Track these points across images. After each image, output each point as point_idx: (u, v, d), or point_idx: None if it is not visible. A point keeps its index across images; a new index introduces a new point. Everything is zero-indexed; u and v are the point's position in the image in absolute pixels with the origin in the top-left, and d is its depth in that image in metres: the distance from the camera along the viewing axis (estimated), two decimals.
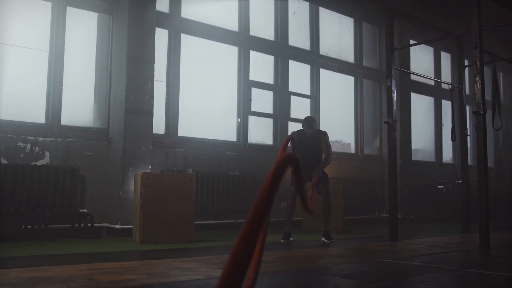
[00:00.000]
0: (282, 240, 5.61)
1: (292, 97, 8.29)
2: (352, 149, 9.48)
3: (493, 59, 6.20)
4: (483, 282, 3.37)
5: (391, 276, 3.46)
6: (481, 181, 5.10)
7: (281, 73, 8.21)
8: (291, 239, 5.70)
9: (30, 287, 2.68)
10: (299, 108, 8.32)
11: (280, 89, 8.15)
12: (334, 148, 8.99)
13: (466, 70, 7.58)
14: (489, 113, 6.42)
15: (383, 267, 3.87)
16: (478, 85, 5.15)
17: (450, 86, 7.22)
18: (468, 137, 7.31)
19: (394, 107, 5.91)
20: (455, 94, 7.24)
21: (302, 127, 6.03)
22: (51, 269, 3.29)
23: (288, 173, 4.30)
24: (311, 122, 5.98)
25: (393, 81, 5.92)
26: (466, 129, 7.01)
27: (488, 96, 6.60)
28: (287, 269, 3.69)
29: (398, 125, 9.09)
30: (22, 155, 5.57)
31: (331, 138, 8.92)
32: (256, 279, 1.20)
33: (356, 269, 3.64)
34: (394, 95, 5.91)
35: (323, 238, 5.73)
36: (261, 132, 8.05)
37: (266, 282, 3.08)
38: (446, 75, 11.35)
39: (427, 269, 3.68)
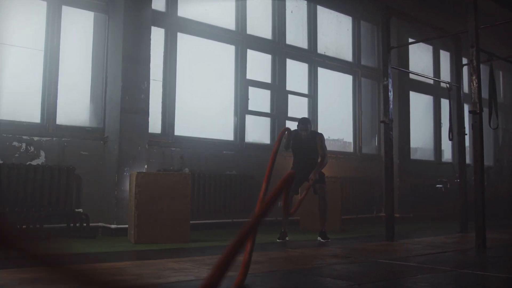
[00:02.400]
0: (278, 240, 5.59)
1: (290, 96, 8.26)
2: (351, 148, 9.45)
3: (490, 57, 6.16)
4: (477, 283, 3.35)
5: (384, 277, 3.44)
6: (478, 181, 5.07)
7: (279, 72, 8.18)
8: (287, 239, 5.68)
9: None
10: (297, 107, 8.29)
11: (278, 88, 8.12)
12: (333, 147, 8.99)
13: (465, 68, 7.53)
14: (487, 112, 6.39)
15: (376, 267, 3.85)
16: (474, 84, 5.12)
17: (447, 85, 7.18)
18: (467, 136, 7.26)
19: (391, 106, 5.88)
20: (453, 93, 7.20)
21: (297, 128, 5.98)
22: (42, 269, 3.27)
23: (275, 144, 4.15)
24: (306, 123, 5.92)
25: (390, 80, 5.89)
26: (464, 128, 6.97)
27: (486, 95, 6.56)
28: (279, 269, 3.67)
29: (397, 124, 9.08)
30: (17, 155, 5.55)
31: (329, 137, 8.93)
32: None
33: (349, 269, 3.62)
34: (390, 94, 5.88)
35: (319, 238, 5.71)
36: (258, 131, 8.02)
37: (255, 283, 3.06)
38: (446, 73, 11.31)
39: (421, 270, 3.66)
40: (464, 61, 7.31)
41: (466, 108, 8.51)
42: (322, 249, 4.99)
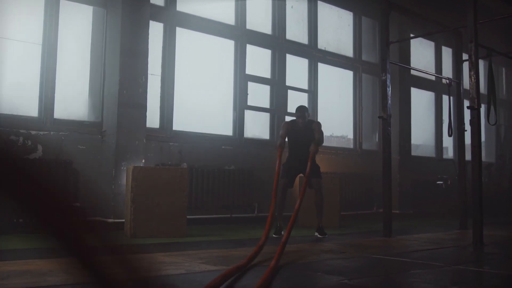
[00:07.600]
0: (273, 235, 5.57)
1: (290, 92, 8.23)
2: (351, 144, 9.42)
3: (489, 53, 6.12)
4: (470, 279, 3.33)
5: (376, 273, 3.42)
6: (475, 177, 5.05)
7: (278, 67, 8.15)
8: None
9: (6, 280, 2.67)
10: (297, 103, 8.19)
11: (277, 83, 8.09)
12: (334, 143, 8.97)
13: (465, 64, 7.47)
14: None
15: (370, 263, 3.83)
16: (473, 79, 5.08)
17: (447, 81, 7.13)
18: (468, 133, 7.21)
19: (389, 101, 5.85)
20: (453, 89, 7.16)
21: (295, 116, 5.95)
22: (33, 262, 3.27)
23: (277, 166, 4.31)
24: (303, 111, 5.86)
25: (388, 75, 5.85)
26: (464, 124, 6.92)
27: (486, 91, 6.52)
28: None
29: (397, 120, 9.04)
30: (14, 149, 5.54)
31: (329, 133, 8.89)
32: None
33: (341, 265, 3.60)
34: (389, 90, 5.85)
35: (316, 233, 5.69)
36: (257, 127, 8.00)
37: (242, 277, 3.04)
38: (448, 69, 11.24)
39: (415, 265, 3.64)
40: (465, 56, 7.26)
41: (465, 103, 8.45)
42: (318, 245, 4.97)
